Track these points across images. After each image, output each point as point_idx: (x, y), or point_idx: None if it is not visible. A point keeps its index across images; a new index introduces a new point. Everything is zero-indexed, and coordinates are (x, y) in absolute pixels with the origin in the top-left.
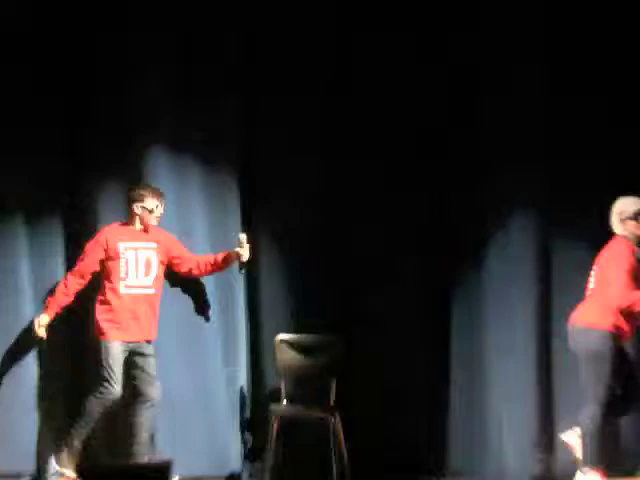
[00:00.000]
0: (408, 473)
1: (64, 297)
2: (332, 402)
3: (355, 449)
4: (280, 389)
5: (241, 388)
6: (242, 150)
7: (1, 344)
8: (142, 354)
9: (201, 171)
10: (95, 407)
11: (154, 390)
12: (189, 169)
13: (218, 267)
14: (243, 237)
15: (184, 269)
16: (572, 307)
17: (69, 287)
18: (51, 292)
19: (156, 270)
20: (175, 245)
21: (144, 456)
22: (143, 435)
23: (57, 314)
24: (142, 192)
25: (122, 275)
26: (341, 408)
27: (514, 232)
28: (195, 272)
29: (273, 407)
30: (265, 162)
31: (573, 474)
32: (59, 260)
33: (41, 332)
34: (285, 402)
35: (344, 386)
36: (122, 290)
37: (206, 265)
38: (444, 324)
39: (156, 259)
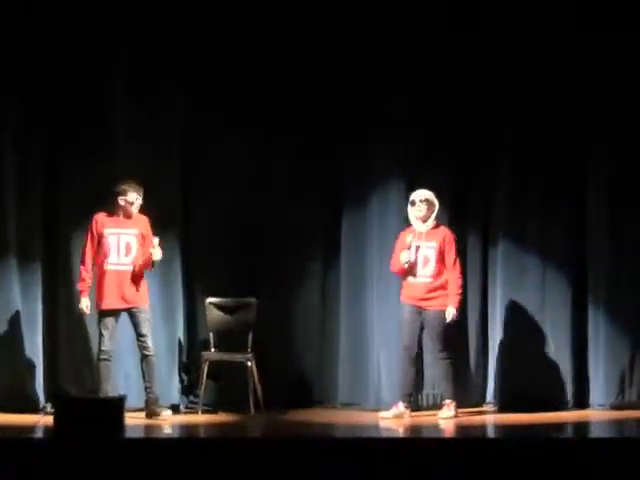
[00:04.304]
0: (306, 404)
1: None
2: (249, 349)
3: (266, 385)
4: (209, 340)
5: (179, 339)
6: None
7: None
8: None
9: None
10: None
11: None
12: None
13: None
14: (156, 240)
15: None
16: None
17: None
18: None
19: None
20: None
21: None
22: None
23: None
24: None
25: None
26: (256, 353)
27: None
28: None
29: (204, 353)
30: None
31: (435, 406)
32: None
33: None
34: (213, 349)
35: (258, 337)
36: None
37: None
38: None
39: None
